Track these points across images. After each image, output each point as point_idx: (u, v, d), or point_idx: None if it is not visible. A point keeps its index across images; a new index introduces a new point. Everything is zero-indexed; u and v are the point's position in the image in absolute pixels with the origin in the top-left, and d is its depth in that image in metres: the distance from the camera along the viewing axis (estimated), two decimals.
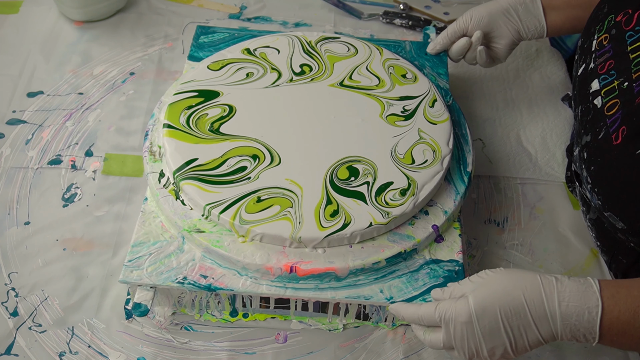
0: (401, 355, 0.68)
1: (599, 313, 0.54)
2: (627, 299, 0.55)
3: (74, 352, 0.66)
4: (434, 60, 0.89)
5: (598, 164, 0.65)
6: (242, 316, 0.70)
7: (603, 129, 0.65)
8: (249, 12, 1.07)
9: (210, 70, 0.80)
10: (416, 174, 0.70)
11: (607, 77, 0.68)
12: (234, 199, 0.67)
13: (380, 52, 0.84)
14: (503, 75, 0.98)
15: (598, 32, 0.71)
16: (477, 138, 0.90)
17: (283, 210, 0.66)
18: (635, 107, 0.62)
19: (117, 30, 1.01)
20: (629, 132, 0.61)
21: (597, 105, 0.68)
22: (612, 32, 0.68)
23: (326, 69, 0.81)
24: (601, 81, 0.69)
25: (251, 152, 0.71)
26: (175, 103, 0.75)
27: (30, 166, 0.82)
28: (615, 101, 0.65)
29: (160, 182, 0.70)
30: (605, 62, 0.68)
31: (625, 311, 0.54)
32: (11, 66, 0.94)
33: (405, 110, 0.77)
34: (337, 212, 0.66)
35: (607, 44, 0.68)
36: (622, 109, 0.64)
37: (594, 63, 0.70)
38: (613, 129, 0.64)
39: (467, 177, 0.74)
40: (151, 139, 0.74)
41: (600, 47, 0.69)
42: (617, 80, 0.66)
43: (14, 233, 0.75)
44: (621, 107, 0.64)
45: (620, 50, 0.66)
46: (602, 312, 0.54)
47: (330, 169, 0.70)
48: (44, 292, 0.71)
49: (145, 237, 0.68)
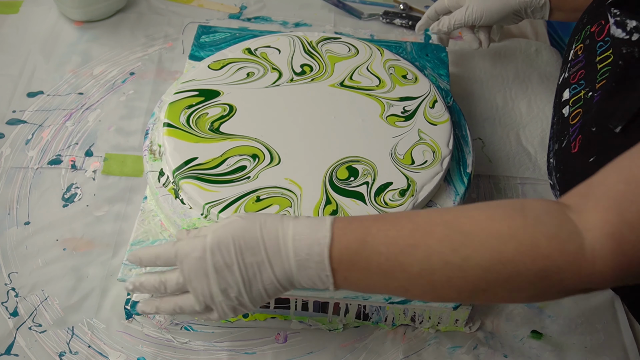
0: (401, 355, 0.68)
1: (327, 244, 0.51)
2: (357, 229, 0.52)
3: (74, 352, 0.66)
4: (434, 62, 0.89)
5: (562, 171, 0.67)
6: (242, 316, 0.70)
7: (566, 138, 0.67)
8: (249, 12, 1.07)
9: (210, 69, 0.80)
10: (416, 175, 0.70)
11: (576, 87, 0.69)
12: (233, 198, 0.67)
13: (381, 52, 0.84)
14: (503, 75, 0.98)
15: (576, 42, 0.71)
16: (477, 137, 0.90)
17: (282, 210, 0.66)
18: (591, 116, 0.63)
19: (117, 30, 1.01)
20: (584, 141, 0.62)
21: (564, 114, 0.69)
22: (586, 42, 0.69)
23: (327, 69, 0.81)
24: (571, 91, 0.69)
25: (251, 151, 0.71)
26: (175, 102, 0.75)
27: (30, 166, 0.82)
28: (579, 111, 0.66)
29: (159, 181, 0.70)
30: (577, 72, 0.69)
31: (354, 240, 0.51)
32: (11, 66, 0.94)
33: (405, 111, 0.77)
34: (336, 212, 0.66)
35: (581, 54, 0.68)
36: (582, 118, 0.65)
37: (568, 73, 0.71)
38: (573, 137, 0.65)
39: (466, 178, 0.74)
40: (151, 138, 0.74)
41: (575, 57, 0.70)
42: (584, 90, 0.67)
43: (14, 233, 0.75)
44: (582, 116, 0.65)
45: (591, 60, 0.67)
46: (331, 242, 0.51)
47: (329, 169, 0.70)
48: (44, 292, 0.71)
49: (145, 235, 0.68)
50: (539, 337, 0.70)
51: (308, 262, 0.52)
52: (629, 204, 0.46)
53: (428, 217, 0.52)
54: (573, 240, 0.48)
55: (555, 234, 0.48)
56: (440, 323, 0.70)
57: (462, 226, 0.50)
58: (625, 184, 0.46)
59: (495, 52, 1.01)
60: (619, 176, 0.47)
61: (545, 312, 0.72)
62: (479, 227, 0.49)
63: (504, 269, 0.48)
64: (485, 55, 1.00)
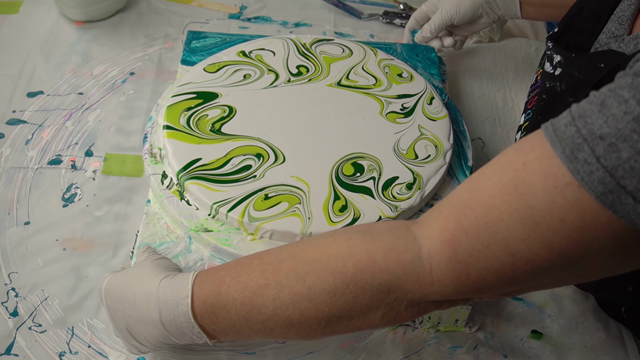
0: (401, 355, 0.68)
1: (188, 303, 0.53)
2: (212, 281, 0.53)
3: (74, 352, 0.66)
4: (425, 62, 0.90)
5: None
6: None
7: None
8: (249, 12, 1.07)
9: (206, 72, 0.80)
10: (420, 169, 0.71)
11: (530, 113, 0.69)
12: (241, 197, 0.67)
13: (375, 52, 0.85)
14: (502, 75, 0.98)
15: (539, 65, 0.72)
16: (477, 137, 0.90)
17: (292, 207, 0.66)
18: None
19: (117, 30, 1.01)
20: None
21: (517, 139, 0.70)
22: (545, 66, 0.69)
23: (322, 69, 0.82)
24: (526, 116, 0.70)
25: (255, 151, 0.71)
26: (173, 105, 0.75)
27: (30, 166, 0.82)
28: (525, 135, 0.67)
29: (163, 184, 0.70)
30: (534, 97, 0.69)
31: (209, 293, 0.53)
32: (11, 66, 0.94)
33: (404, 108, 0.78)
34: (346, 207, 0.67)
35: (540, 79, 0.69)
36: None
37: (528, 97, 0.71)
38: None
39: (468, 171, 0.75)
40: (150, 142, 0.74)
41: (535, 81, 0.70)
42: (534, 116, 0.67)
43: (14, 233, 0.75)
44: None
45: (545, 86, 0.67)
46: (191, 300, 0.53)
47: (335, 165, 0.70)
48: (44, 292, 0.71)
49: (151, 238, 0.68)
50: (539, 337, 0.70)
51: (177, 322, 0.54)
52: (468, 211, 0.45)
53: (277, 253, 0.53)
54: (409, 249, 0.48)
55: (392, 247, 0.48)
56: (440, 323, 0.70)
57: (307, 255, 0.51)
58: (470, 192, 0.46)
59: (495, 52, 1.01)
60: (467, 186, 0.48)
61: (546, 312, 0.72)
62: (321, 252, 0.50)
63: (348, 290, 0.49)
64: (485, 54, 1.00)
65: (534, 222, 0.42)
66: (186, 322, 0.54)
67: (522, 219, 0.43)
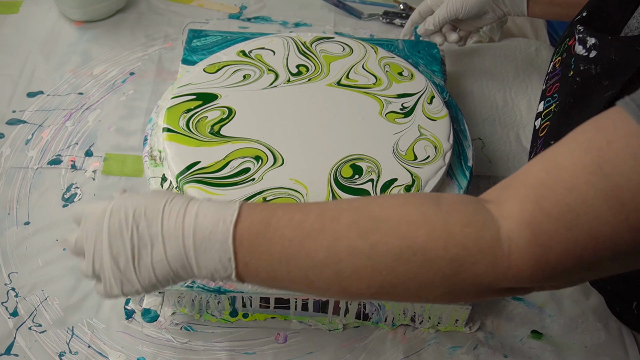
0: (401, 355, 0.68)
1: (233, 221, 0.47)
2: (262, 211, 0.48)
3: (73, 352, 0.66)
4: (427, 58, 0.89)
5: None
6: (242, 316, 0.70)
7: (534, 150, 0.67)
8: (249, 12, 1.07)
9: (206, 73, 0.79)
10: (419, 170, 0.71)
11: (550, 100, 0.68)
12: (239, 200, 0.66)
13: (376, 50, 0.85)
14: (502, 74, 0.98)
15: (557, 54, 0.71)
16: (477, 137, 0.90)
17: None
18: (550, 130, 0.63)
19: (117, 30, 1.01)
20: None
21: (536, 126, 0.69)
22: (564, 55, 0.69)
23: (322, 68, 0.81)
24: (545, 103, 0.69)
25: (254, 153, 0.71)
26: (173, 107, 0.75)
27: (30, 166, 0.82)
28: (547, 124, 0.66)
29: (162, 187, 0.70)
30: (553, 85, 0.68)
31: (258, 221, 0.48)
32: (11, 66, 0.94)
33: (404, 108, 0.77)
34: None
35: (558, 67, 0.68)
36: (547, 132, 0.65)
37: (545, 85, 0.71)
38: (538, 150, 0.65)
39: (468, 171, 0.74)
40: (150, 144, 0.74)
41: (553, 69, 0.70)
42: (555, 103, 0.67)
43: (13, 233, 0.75)
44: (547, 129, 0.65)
45: (565, 74, 0.66)
46: (236, 220, 0.47)
47: (333, 167, 0.70)
48: (44, 292, 0.71)
49: None
50: (539, 337, 0.70)
51: (210, 242, 0.48)
52: (548, 192, 0.43)
53: (337, 204, 0.49)
54: (488, 228, 0.45)
55: (469, 222, 0.45)
56: (440, 323, 0.70)
57: (372, 212, 0.47)
58: (546, 172, 0.44)
59: (495, 52, 1.01)
60: (541, 165, 0.45)
61: (546, 312, 0.72)
62: (390, 213, 0.46)
63: (415, 258, 0.45)
64: (485, 54, 1.00)
65: (621, 203, 0.41)
66: (220, 244, 0.47)
67: (607, 200, 0.41)
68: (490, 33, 1.03)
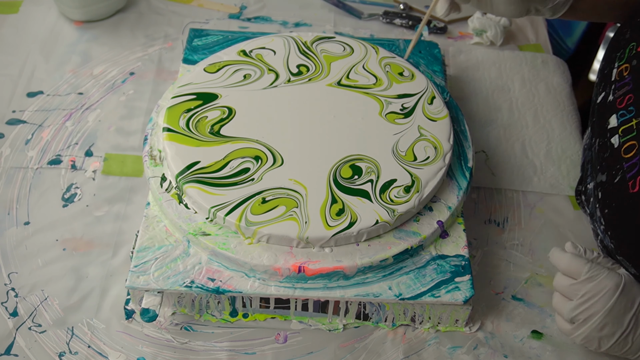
0: (401, 355, 0.68)
1: None
2: None
3: (73, 352, 0.66)
4: (428, 58, 0.89)
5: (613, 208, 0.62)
6: (242, 316, 0.70)
7: (620, 173, 0.61)
8: (249, 12, 1.07)
9: (207, 72, 0.79)
10: (419, 171, 0.71)
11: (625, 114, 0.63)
12: (238, 200, 0.67)
13: (376, 50, 0.84)
14: (508, 86, 0.97)
15: (619, 59, 0.66)
16: (481, 150, 0.88)
17: (289, 211, 0.66)
18: None
19: (117, 30, 1.01)
20: None
21: (614, 144, 0.63)
22: (632, 62, 0.64)
23: (323, 68, 0.81)
24: (619, 117, 0.64)
25: (253, 153, 0.71)
26: (173, 106, 0.75)
27: (30, 166, 0.82)
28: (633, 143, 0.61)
29: (162, 187, 0.70)
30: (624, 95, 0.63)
31: None
32: (11, 66, 0.94)
33: (404, 108, 0.77)
34: (343, 211, 0.67)
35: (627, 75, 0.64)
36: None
37: (613, 95, 0.66)
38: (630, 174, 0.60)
39: (468, 172, 0.74)
40: (150, 143, 0.74)
41: (620, 77, 0.65)
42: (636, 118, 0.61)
43: (13, 233, 0.75)
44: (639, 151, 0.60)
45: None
46: None
47: (333, 168, 0.70)
48: (43, 292, 0.71)
49: (150, 242, 0.68)
50: (540, 337, 0.70)
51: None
52: None
53: None
54: None
55: None
56: (440, 323, 0.70)
57: None
58: None
59: (500, 63, 1.00)
60: None
61: (546, 312, 0.72)
62: None
63: None
64: (491, 66, 0.99)
65: None
66: None
67: None
68: (493, 38, 1.03)
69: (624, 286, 0.58)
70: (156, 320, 0.69)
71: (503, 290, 0.74)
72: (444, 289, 0.66)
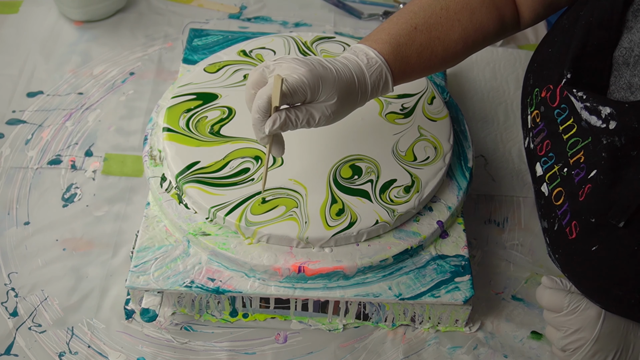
0: (401, 355, 0.68)
1: None
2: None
3: (73, 352, 0.66)
4: None
5: (560, 254, 0.62)
6: (242, 316, 0.70)
7: (556, 221, 0.62)
8: (249, 12, 1.07)
9: (207, 72, 0.79)
10: (419, 171, 0.71)
11: (547, 161, 0.64)
12: (238, 200, 0.67)
13: None
14: (503, 87, 0.96)
15: (530, 106, 0.66)
16: (480, 155, 0.87)
17: (289, 211, 0.66)
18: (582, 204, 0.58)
19: (117, 30, 1.01)
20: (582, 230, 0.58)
21: (544, 193, 0.64)
22: (541, 109, 0.64)
23: None
24: (542, 164, 0.64)
25: (253, 153, 0.71)
26: (173, 106, 0.75)
27: (30, 166, 0.82)
28: (559, 190, 0.62)
29: (162, 187, 0.70)
30: (542, 142, 0.64)
31: None
32: (11, 66, 0.94)
33: (404, 108, 0.77)
34: (343, 211, 0.66)
35: (539, 122, 0.64)
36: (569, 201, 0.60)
37: (533, 143, 0.66)
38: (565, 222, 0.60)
39: (468, 172, 0.74)
40: (150, 143, 0.74)
41: (534, 124, 0.65)
42: (557, 165, 0.62)
43: (13, 233, 0.75)
44: (566, 197, 0.60)
45: (553, 130, 0.62)
46: None
47: (332, 168, 0.70)
48: (43, 292, 0.71)
49: (150, 242, 0.68)
50: (539, 338, 0.70)
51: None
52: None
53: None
54: None
55: None
56: (440, 323, 0.70)
57: None
58: None
59: (494, 64, 0.99)
60: None
61: None
62: None
63: None
64: (485, 67, 0.99)
65: None
66: None
67: None
68: None
69: (605, 313, 0.60)
70: (156, 320, 0.69)
71: (503, 290, 0.74)
72: (443, 289, 0.66)
